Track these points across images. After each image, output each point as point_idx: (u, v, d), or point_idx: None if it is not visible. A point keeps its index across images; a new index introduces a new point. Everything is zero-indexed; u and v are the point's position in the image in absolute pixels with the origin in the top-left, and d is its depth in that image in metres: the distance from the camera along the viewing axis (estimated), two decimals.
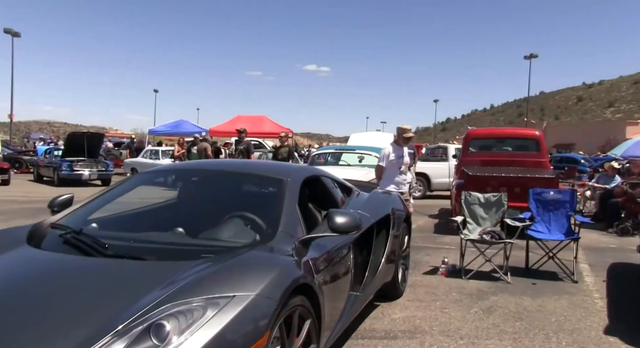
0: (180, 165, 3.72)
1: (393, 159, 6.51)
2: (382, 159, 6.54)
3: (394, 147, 6.59)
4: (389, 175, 6.53)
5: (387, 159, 6.52)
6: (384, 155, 6.54)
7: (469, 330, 3.75)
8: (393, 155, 6.53)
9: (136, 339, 1.81)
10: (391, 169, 6.53)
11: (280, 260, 2.46)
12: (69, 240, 2.68)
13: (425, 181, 13.28)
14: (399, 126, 6.75)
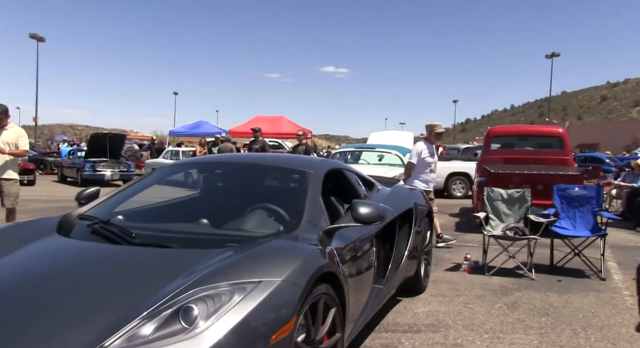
0: (205, 159, 3.75)
1: (425, 157, 6.47)
2: (414, 156, 6.47)
3: (426, 145, 6.55)
4: (419, 172, 6.48)
5: (419, 156, 6.46)
6: (416, 152, 6.48)
7: (494, 325, 3.70)
8: (426, 152, 6.49)
9: (165, 321, 1.83)
10: (422, 167, 6.48)
11: (305, 248, 2.47)
12: (97, 230, 2.72)
13: (467, 180, 13.03)
14: (429, 123, 6.72)
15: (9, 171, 6.30)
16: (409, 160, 6.57)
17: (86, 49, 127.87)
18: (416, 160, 6.46)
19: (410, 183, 6.44)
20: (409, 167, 6.54)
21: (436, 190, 11.78)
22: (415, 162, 6.47)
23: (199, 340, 1.78)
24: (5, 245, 2.57)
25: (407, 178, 6.57)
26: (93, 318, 1.88)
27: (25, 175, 15.73)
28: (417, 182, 6.46)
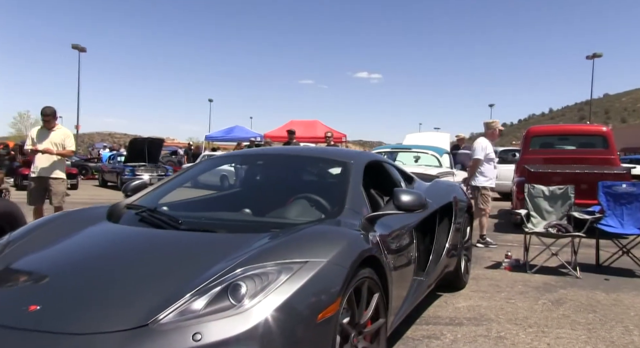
0: (247, 151, 3.82)
1: (489, 153, 6.40)
2: (480, 152, 6.39)
3: (489, 141, 6.45)
4: (485, 169, 6.40)
5: (485, 152, 6.37)
6: (481, 147, 6.40)
7: (538, 320, 3.61)
8: (490, 148, 6.42)
9: (215, 298, 1.87)
10: (487, 163, 6.41)
11: (349, 232, 2.48)
12: (145, 217, 2.81)
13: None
14: (488, 121, 6.71)
15: (57, 171, 6.54)
16: (475, 156, 6.45)
17: (124, 58, 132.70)
18: (482, 155, 6.35)
19: (474, 180, 6.37)
20: (475, 164, 6.42)
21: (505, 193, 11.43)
22: (482, 158, 6.36)
23: (246, 315, 1.82)
24: (60, 229, 2.69)
25: (471, 175, 6.48)
26: (147, 294, 1.95)
27: (69, 179, 16.28)
28: (481, 178, 6.39)
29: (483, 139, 6.63)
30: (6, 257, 2.37)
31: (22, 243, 2.50)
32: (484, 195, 6.47)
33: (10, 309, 1.95)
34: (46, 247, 2.46)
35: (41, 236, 2.60)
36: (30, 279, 2.23)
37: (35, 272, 2.29)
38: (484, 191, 6.47)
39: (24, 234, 2.63)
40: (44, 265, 2.34)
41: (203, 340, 1.73)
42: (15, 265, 2.30)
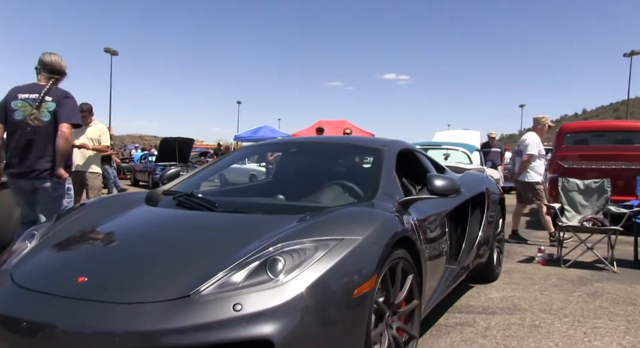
0: (280, 140, 3.88)
1: (541, 148, 6.29)
2: (534, 147, 6.26)
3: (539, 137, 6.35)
4: (537, 165, 6.29)
5: (538, 148, 6.27)
6: (535, 143, 6.28)
7: (574, 310, 3.56)
8: (541, 144, 6.30)
9: (253, 272, 1.92)
10: (539, 159, 6.30)
11: (383, 213, 2.50)
12: (182, 202, 2.89)
13: None
14: (538, 116, 6.57)
15: (93, 165, 6.74)
16: (528, 152, 6.27)
17: (154, 62, 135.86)
18: (537, 151, 6.23)
19: (525, 176, 6.24)
20: (528, 160, 6.25)
21: None
22: (536, 154, 6.24)
23: (284, 289, 1.86)
24: (104, 211, 2.80)
25: (522, 171, 6.32)
26: (189, 269, 2.01)
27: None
28: (534, 174, 6.26)
29: (534, 134, 6.46)
30: (55, 234, 2.48)
31: (69, 223, 2.62)
32: (538, 190, 6.32)
33: (60, 281, 2.04)
34: (92, 226, 2.56)
35: (86, 216, 2.71)
36: (78, 254, 2.33)
37: (82, 247, 2.39)
38: (537, 186, 6.31)
39: (71, 215, 2.75)
40: (90, 241, 2.44)
41: (243, 311, 1.77)
42: (63, 242, 2.40)
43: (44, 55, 3.72)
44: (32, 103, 3.56)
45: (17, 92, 3.62)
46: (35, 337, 1.83)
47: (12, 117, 3.57)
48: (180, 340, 1.73)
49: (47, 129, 3.57)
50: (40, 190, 3.65)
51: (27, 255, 2.32)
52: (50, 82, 3.64)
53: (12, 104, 3.58)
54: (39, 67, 3.70)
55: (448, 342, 2.91)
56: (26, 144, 3.57)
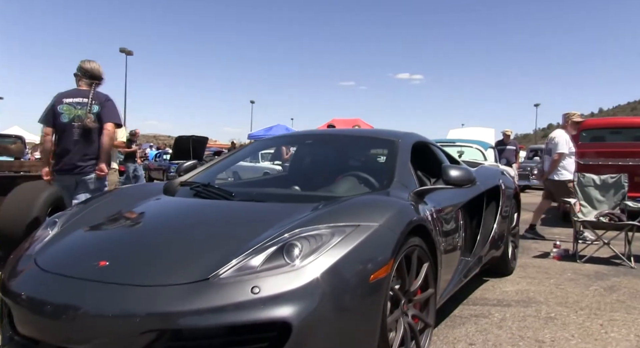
0: (296, 132, 3.91)
1: (571, 145, 6.19)
2: (564, 145, 6.15)
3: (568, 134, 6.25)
4: (567, 163, 6.18)
5: (568, 145, 6.16)
6: (565, 141, 6.17)
7: (590, 303, 3.54)
8: (571, 141, 6.20)
9: (271, 256, 1.95)
10: (569, 157, 6.20)
11: (398, 201, 2.52)
12: (199, 192, 2.93)
13: None
14: (568, 112, 6.47)
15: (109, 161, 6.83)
16: (558, 150, 6.17)
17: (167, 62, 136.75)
18: (567, 149, 6.14)
19: (556, 175, 6.15)
20: (559, 158, 6.15)
21: None
22: (566, 152, 6.13)
23: (301, 273, 1.88)
24: (123, 200, 2.86)
25: (552, 169, 6.21)
26: (207, 253, 2.05)
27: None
28: (565, 172, 6.15)
29: (562, 131, 6.33)
30: (76, 222, 2.54)
31: (89, 211, 2.67)
32: (570, 188, 6.15)
33: (82, 264, 2.09)
34: (111, 214, 2.61)
35: (105, 205, 2.76)
36: (99, 239, 2.39)
37: (103, 233, 2.45)
38: (569, 184, 6.16)
39: (91, 204, 2.81)
40: (111, 227, 2.50)
41: (261, 293, 1.80)
42: (85, 229, 2.46)
43: (84, 62, 4.06)
44: (76, 106, 3.90)
45: (62, 98, 3.95)
46: (59, 319, 1.88)
47: (59, 120, 3.90)
48: (199, 322, 1.77)
49: (92, 129, 3.90)
50: (81, 184, 3.92)
51: (50, 241, 2.37)
52: (91, 87, 3.98)
53: (58, 108, 3.91)
54: (79, 74, 4.04)
55: (463, 332, 2.91)
56: (73, 144, 3.88)
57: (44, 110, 3.99)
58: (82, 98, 3.92)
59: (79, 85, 4.04)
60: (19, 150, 5.25)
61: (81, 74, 4.03)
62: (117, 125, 4.05)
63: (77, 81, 4.06)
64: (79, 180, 3.91)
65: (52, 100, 3.98)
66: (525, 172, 14.86)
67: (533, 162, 16.19)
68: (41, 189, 4.43)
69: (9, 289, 2.09)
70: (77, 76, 4.07)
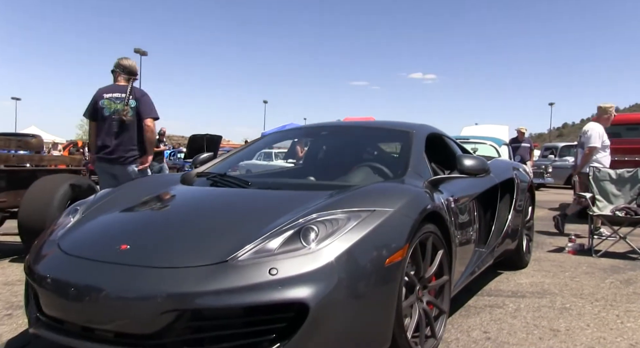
0: (311, 125, 3.95)
1: (605, 139, 6.06)
2: (597, 139, 6.00)
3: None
4: (601, 157, 6.04)
5: (601, 139, 6.03)
6: (598, 135, 6.03)
7: (606, 295, 3.52)
8: (605, 134, 6.06)
9: (288, 240, 1.98)
10: (603, 150, 6.07)
11: (413, 188, 2.54)
12: (216, 181, 2.98)
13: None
14: (602, 105, 6.30)
15: None
16: (591, 144, 6.02)
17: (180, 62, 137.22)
18: (600, 143, 6.01)
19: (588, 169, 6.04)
20: (591, 152, 6.01)
21: None
22: (599, 146, 6.00)
23: (317, 256, 1.91)
24: (142, 189, 2.92)
25: (584, 163, 6.04)
26: (225, 237, 2.10)
27: None
28: (599, 167, 5.89)
29: (596, 124, 6.17)
30: (97, 209, 2.60)
31: (110, 199, 2.73)
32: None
33: (104, 248, 2.15)
34: (131, 201, 2.67)
35: (125, 193, 2.82)
36: (121, 225, 2.44)
37: (124, 219, 2.50)
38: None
39: (111, 192, 2.87)
40: (131, 213, 2.55)
41: (279, 275, 1.84)
42: (106, 215, 2.52)
43: (122, 60, 4.44)
44: (116, 101, 4.26)
45: (102, 93, 4.33)
46: (82, 300, 1.94)
47: (101, 113, 4.28)
48: (218, 302, 1.81)
49: (130, 122, 4.25)
50: (123, 174, 4.27)
51: (72, 227, 2.43)
52: (129, 82, 4.35)
53: (99, 103, 4.29)
54: (117, 70, 4.40)
55: (477, 321, 2.92)
56: (113, 136, 4.26)
57: (88, 105, 4.40)
58: (121, 93, 4.25)
59: (117, 81, 4.38)
60: (39, 145, 5.35)
61: (120, 70, 4.36)
62: (155, 119, 4.36)
63: (116, 77, 4.39)
64: (122, 171, 4.24)
65: (94, 95, 4.35)
66: (540, 170, 14.76)
67: (548, 161, 16.06)
68: (61, 183, 4.52)
69: (34, 273, 2.16)
70: (115, 72, 4.40)
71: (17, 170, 4.84)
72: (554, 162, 15.69)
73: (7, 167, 4.71)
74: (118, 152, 4.26)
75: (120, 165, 4.29)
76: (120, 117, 4.22)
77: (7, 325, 2.75)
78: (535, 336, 2.69)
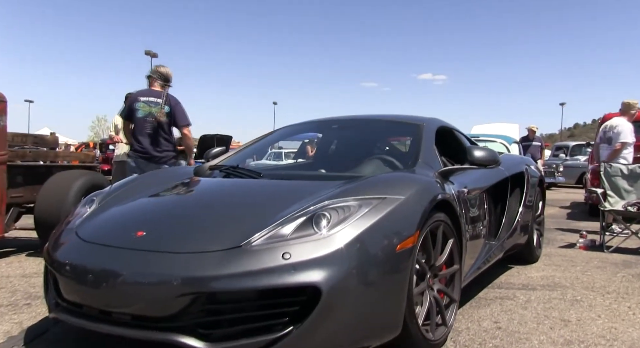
0: (322, 118, 3.98)
1: (633, 136, 6.02)
2: (628, 135, 5.96)
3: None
4: (628, 153, 5.99)
5: (632, 135, 5.97)
6: (629, 130, 5.98)
7: (617, 288, 3.52)
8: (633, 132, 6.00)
9: (300, 226, 2.02)
10: (630, 146, 6.02)
11: (424, 177, 2.57)
12: (229, 173, 3.03)
13: None
14: (631, 101, 6.23)
15: None
16: (621, 140, 5.97)
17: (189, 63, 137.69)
18: (631, 138, 5.96)
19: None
20: (621, 147, 5.98)
21: None
22: (630, 141, 5.96)
23: (330, 241, 1.94)
24: (156, 179, 2.98)
25: (612, 158, 5.97)
26: (239, 224, 2.14)
27: None
28: (624, 162, 5.94)
29: (624, 120, 6.13)
30: (113, 199, 2.66)
31: (125, 190, 2.79)
32: None
33: (121, 235, 2.20)
34: (147, 191, 2.73)
35: (140, 184, 2.88)
36: (136, 213, 2.49)
37: (139, 207, 2.56)
38: None
39: (127, 183, 2.93)
40: (147, 202, 2.61)
41: (292, 259, 1.87)
42: (122, 204, 2.57)
43: (159, 67, 4.82)
44: (151, 104, 4.60)
45: (138, 96, 4.66)
46: (100, 284, 1.99)
47: (136, 115, 4.61)
48: (233, 285, 1.84)
49: (163, 125, 4.61)
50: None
51: (89, 216, 2.49)
52: (164, 88, 4.71)
53: (135, 105, 4.61)
54: (153, 76, 4.73)
55: (488, 312, 2.94)
56: (145, 136, 4.60)
57: (124, 106, 4.83)
58: (156, 98, 4.61)
59: (152, 86, 4.72)
60: (54, 142, 5.45)
61: (156, 77, 4.71)
62: (189, 125, 4.77)
63: (151, 82, 4.73)
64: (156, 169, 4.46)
65: (130, 98, 4.75)
66: (551, 169, 14.67)
67: (559, 160, 15.97)
68: (75, 178, 4.60)
69: (54, 260, 2.22)
70: (151, 78, 4.75)
71: (33, 166, 4.93)
72: (565, 161, 15.60)
73: (23, 162, 4.79)
74: (153, 152, 4.59)
75: (156, 164, 4.56)
76: (153, 119, 4.55)
77: (27, 313, 2.82)
78: (545, 326, 2.70)
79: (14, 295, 3.20)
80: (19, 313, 2.81)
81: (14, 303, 3.01)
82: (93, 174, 4.95)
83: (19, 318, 2.73)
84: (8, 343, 2.37)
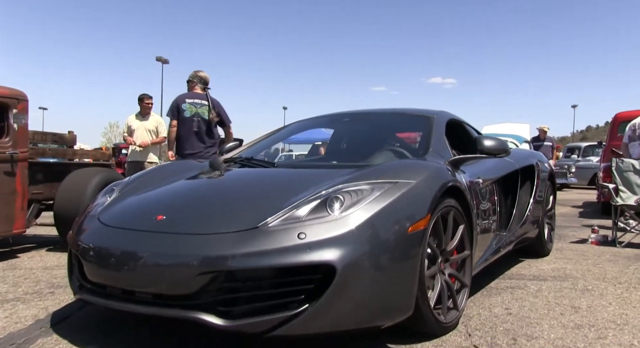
0: (333, 113, 4.06)
1: None
2: None
3: None
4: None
5: None
6: None
7: (629, 279, 3.54)
8: None
9: (315, 208, 2.09)
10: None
11: (434, 164, 2.63)
12: (244, 164, 3.11)
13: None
14: None
15: (151, 154, 7.13)
16: None
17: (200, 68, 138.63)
18: None
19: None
20: None
21: None
22: None
23: (344, 222, 2.01)
24: (172, 171, 3.07)
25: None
26: (257, 207, 2.22)
27: None
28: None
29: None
30: (133, 188, 2.76)
31: (144, 180, 2.89)
32: None
33: (141, 219, 2.29)
34: (164, 180, 2.82)
35: (159, 174, 2.98)
36: (156, 199, 2.59)
37: (159, 194, 2.65)
38: None
39: (146, 173, 3.03)
40: (166, 190, 2.70)
41: (307, 239, 1.94)
42: (141, 192, 2.67)
43: (198, 72, 5.34)
44: (196, 105, 5.16)
45: (185, 98, 5.19)
46: (123, 265, 2.07)
47: (183, 115, 5.13)
48: (250, 263, 1.92)
49: (207, 124, 5.17)
50: None
51: (110, 204, 2.59)
52: (205, 91, 5.27)
53: (182, 106, 5.15)
54: (194, 80, 5.28)
55: (499, 300, 2.98)
56: (192, 134, 5.11)
57: (169, 107, 5.27)
58: (200, 99, 5.19)
59: (193, 89, 5.27)
60: (73, 140, 5.58)
61: (197, 81, 5.27)
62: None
63: (192, 86, 5.28)
64: None
65: (176, 99, 5.22)
66: (563, 170, 14.61)
67: (571, 161, 15.89)
68: (93, 175, 4.71)
69: (78, 244, 2.31)
70: (191, 82, 5.29)
71: (52, 164, 5.06)
72: (577, 162, 15.51)
73: (43, 160, 4.93)
74: (197, 148, 5.06)
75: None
76: (200, 119, 5.11)
77: (51, 300, 2.92)
78: (556, 312, 2.73)
79: (38, 284, 3.31)
80: (44, 300, 2.91)
81: (39, 292, 3.11)
82: (109, 171, 5.07)
83: (44, 304, 2.83)
84: (36, 325, 2.47)
